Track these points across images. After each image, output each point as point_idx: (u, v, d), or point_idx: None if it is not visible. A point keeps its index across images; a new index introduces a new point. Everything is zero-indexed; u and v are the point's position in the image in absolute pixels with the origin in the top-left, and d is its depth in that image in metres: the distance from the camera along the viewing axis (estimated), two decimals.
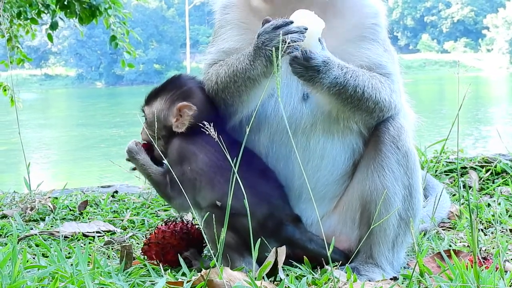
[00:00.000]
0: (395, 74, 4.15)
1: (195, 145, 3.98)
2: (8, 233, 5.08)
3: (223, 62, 4.06)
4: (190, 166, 3.93)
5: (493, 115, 40.82)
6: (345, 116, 3.98)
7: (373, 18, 4.18)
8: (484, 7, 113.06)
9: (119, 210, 5.76)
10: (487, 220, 5.07)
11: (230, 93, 4.01)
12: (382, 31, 4.21)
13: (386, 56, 4.14)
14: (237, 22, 4.21)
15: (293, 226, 3.93)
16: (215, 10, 4.37)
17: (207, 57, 4.25)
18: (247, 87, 3.95)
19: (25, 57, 16.33)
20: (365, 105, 3.93)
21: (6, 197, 6.26)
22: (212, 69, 4.11)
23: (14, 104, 13.24)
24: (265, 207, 3.85)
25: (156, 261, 4.09)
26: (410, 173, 4.03)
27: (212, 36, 4.35)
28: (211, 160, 3.92)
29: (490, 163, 6.42)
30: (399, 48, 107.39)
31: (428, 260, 3.94)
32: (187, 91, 4.11)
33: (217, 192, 3.86)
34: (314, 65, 3.72)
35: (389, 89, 4.03)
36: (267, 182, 3.94)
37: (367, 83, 3.91)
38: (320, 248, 3.90)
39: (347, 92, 3.86)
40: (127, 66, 16.57)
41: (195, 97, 4.08)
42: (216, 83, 4.05)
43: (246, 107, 4.06)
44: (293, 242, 3.90)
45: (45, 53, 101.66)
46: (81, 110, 58.06)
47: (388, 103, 4.01)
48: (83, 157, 30.30)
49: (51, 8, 15.86)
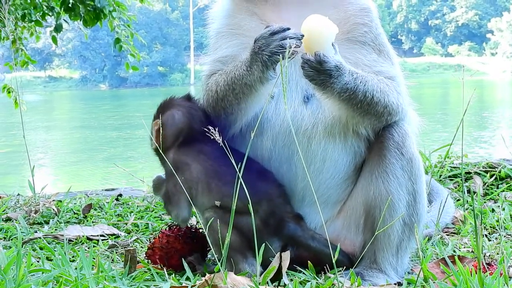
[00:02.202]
0: (398, 76, 4.16)
1: (187, 156, 4.01)
2: (12, 236, 5.09)
3: (222, 71, 4.07)
4: (183, 176, 3.93)
5: (498, 120, 40.75)
6: (355, 121, 3.98)
7: (364, 16, 4.17)
8: (488, 11, 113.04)
9: (123, 214, 5.77)
10: (491, 226, 5.06)
11: (229, 102, 4.01)
12: (374, 28, 4.19)
13: (382, 58, 4.14)
14: (232, 30, 4.21)
15: (295, 224, 3.94)
16: (209, 19, 4.38)
17: (204, 68, 4.27)
18: (245, 94, 3.96)
19: (29, 59, 16.34)
20: (374, 109, 3.93)
21: (11, 200, 6.27)
22: (211, 80, 4.12)
23: (18, 106, 13.24)
24: (266, 204, 3.86)
25: (160, 266, 4.10)
26: (414, 179, 4.03)
27: (209, 46, 4.36)
28: (205, 168, 3.94)
29: (495, 168, 6.42)
30: (403, 52, 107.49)
31: (432, 265, 3.93)
32: (160, 108, 4.17)
33: (215, 195, 3.87)
34: (327, 69, 3.72)
35: (395, 92, 4.04)
36: (266, 182, 3.95)
37: (376, 87, 3.92)
38: (322, 246, 3.91)
39: (357, 97, 3.87)
40: (131, 69, 16.56)
41: (165, 112, 4.12)
42: (216, 92, 4.06)
43: (245, 115, 4.06)
44: (296, 240, 3.91)
45: (49, 55, 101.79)
46: (85, 112, 58.06)
47: (396, 106, 4.01)
48: (87, 159, 30.29)
49: (55, 10, 15.88)
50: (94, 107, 62.73)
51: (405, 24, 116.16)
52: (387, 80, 4.04)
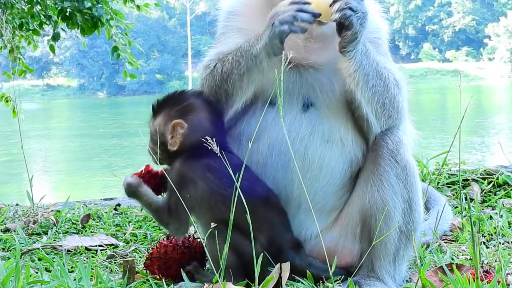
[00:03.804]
0: (404, 88, 4.17)
1: (194, 172, 3.88)
2: (11, 247, 5.09)
3: (233, 50, 4.05)
4: (189, 193, 3.85)
5: (495, 126, 40.81)
6: (364, 100, 3.99)
7: (375, 32, 4.22)
8: (485, 16, 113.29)
9: (122, 223, 5.77)
10: (489, 233, 5.06)
11: (232, 81, 3.99)
12: (384, 44, 4.25)
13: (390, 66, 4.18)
14: (240, 29, 4.22)
15: (294, 253, 3.91)
16: (219, 16, 4.38)
17: (205, 59, 4.22)
18: (248, 68, 3.94)
19: (27, 68, 16.37)
20: (383, 92, 3.99)
21: (9, 210, 6.27)
22: (218, 65, 4.06)
23: (16, 115, 13.25)
24: (267, 232, 3.82)
25: (158, 276, 4.10)
26: (410, 187, 4.03)
27: (214, 42, 4.35)
28: (211, 189, 3.83)
29: (492, 175, 6.42)
30: (401, 58, 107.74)
31: (431, 274, 3.94)
32: (184, 108, 4.03)
33: (218, 216, 3.78)
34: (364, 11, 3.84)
35: (400, 92, 4.07)
36: (269, 208, 3.89)
37: (382, 65, 4.01)
38: (320, 272, 3.88)
39: (371, 58, 3.95)
40: (129, 77, 16.57)
41: (192, 114, 4.00)
42: (221, 73, 4.02)
43: (244, 95, 4.03)
44: (293, 267, 3.85)
45: (47, 64, 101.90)
46: (83, 121, 58.11)
47: (397, 103, 4.06)
48: (85, 168, 30.33)
49: (53, 19, 15.92)
50: (92, 115, 62.79)
51: (402, 29, 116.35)
52: (395, 80, 4.08)
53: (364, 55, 3.92)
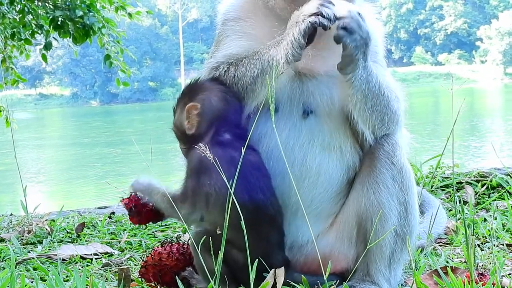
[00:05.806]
0: (401, 96, 4.17)
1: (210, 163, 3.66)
2: (6, 257, 5.08)
3: (249, 53, 4.01)
4: (206, 181, 3.79)
5: (488, 128, 40.87)
6: (364, 117, 3.97)
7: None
8: (477, 18, 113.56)
9: (116, 232, 5.76)
10: (483, 235, 5.07)
11: (244, 84, 3.96)
12: (380, 52, 4.24)
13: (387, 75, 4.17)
14: (245, 33, 4.17)
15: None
16: (219, 20, 4.34)
17: (210, 61, 4.17)
18: (263, 69, 3.90)
19: (19, 78, 16.32)
20: (382, 107, 3.97)
21: (4, 220, 6.26)
22: (231, 68, 4.02)
23: (9, 124, 13.25)
24: (261, 249, 3.79)
25: (154, 283, 4.10)
26: (406, 189, 4.03)
27: (214, 45, 4.29)
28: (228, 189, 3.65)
29: (486, 177, 6.44)
30: (393, 62, 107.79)
31: (426, 277, 3.94)
32: (195, 91, 4.04)
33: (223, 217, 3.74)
34: (366, 30, 3.79)
35: (400, 107, 4.08)
36: (271, 227, 3.86)
37: (385, 85, 3.98)
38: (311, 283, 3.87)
39: (372, 82, 3.90)
40: (122, 85, 16.55)
41: (202, 94, 3.99)
42: (233, 77, 3.99)
43: (256, 99, 3.98)
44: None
45: (40, 73, 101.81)
46: (76, 129, 58.04)
47: (397, 117, 4.06)
48: (79, 177, 30.29)
49: (44, 28, 15.87)
50: (85, 124, 62.72)
51: (394, 33, 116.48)
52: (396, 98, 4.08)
53: (365, 80, 3.88)
